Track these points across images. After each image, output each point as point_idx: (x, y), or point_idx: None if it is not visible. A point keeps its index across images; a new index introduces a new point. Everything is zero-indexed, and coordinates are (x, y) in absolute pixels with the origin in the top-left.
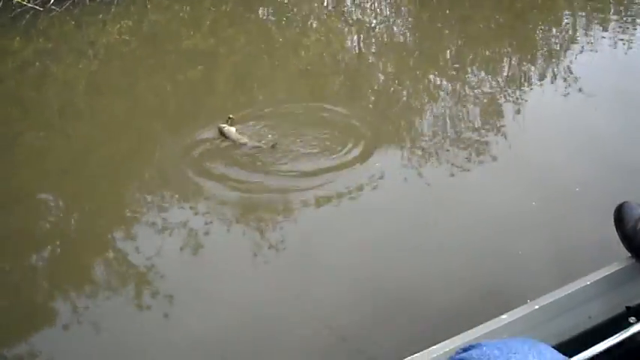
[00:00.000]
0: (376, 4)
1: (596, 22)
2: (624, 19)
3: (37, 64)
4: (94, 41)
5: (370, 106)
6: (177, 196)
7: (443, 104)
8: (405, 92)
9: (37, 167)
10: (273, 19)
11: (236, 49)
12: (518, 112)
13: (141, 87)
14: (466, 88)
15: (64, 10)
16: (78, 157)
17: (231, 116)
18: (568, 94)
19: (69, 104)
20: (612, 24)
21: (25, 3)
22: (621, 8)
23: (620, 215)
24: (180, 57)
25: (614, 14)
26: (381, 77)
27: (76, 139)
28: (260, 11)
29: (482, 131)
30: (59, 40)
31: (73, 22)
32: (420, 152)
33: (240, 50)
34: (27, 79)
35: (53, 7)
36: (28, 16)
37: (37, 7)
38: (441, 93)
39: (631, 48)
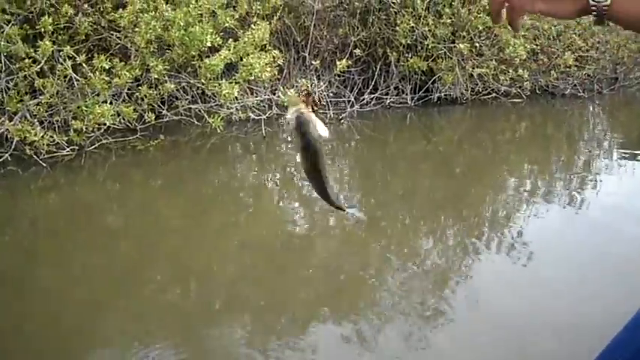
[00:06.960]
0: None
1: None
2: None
3: None
4: (24, 211)
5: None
6: None
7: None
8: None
9: None
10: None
11: (169, 227)
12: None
13: (69, 261)
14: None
15: None
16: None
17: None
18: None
19: None
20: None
21: None
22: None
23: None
24: (108, 234)
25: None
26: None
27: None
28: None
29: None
30: None
31: (1, 192)
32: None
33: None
34: None
35: None
36: None
37: None
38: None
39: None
